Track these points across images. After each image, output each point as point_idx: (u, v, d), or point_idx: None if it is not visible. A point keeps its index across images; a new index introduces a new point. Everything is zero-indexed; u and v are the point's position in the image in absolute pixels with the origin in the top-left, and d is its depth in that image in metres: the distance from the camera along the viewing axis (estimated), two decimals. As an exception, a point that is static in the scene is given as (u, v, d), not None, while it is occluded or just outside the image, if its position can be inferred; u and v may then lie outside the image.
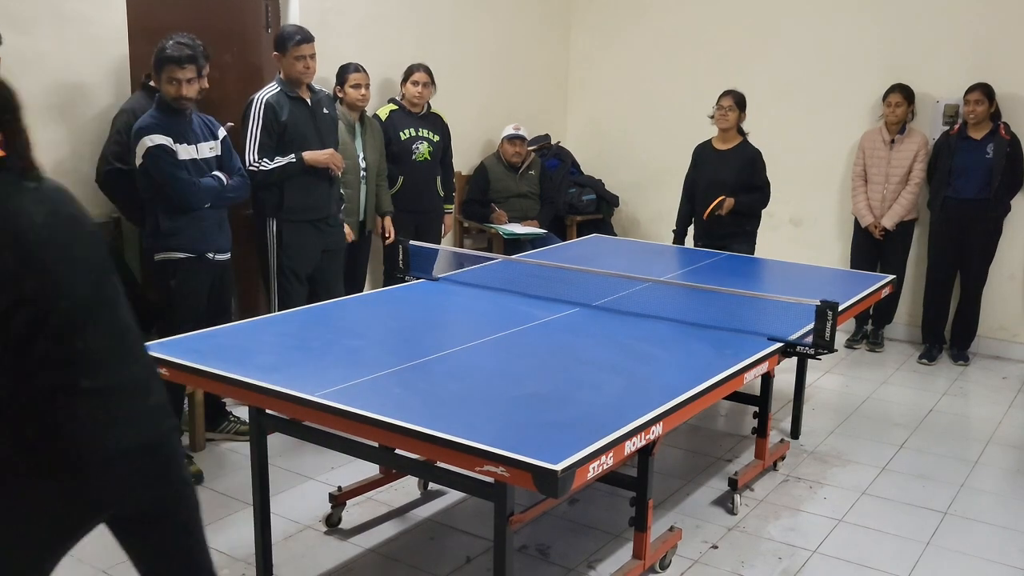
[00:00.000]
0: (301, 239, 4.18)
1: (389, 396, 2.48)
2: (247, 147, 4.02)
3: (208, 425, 4.04)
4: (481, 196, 5.87)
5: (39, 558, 1.83)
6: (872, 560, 3.16)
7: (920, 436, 4.33)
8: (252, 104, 4.06)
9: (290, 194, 4.10)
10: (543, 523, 3.34)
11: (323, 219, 4.24)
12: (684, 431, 4.21)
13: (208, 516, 3.34)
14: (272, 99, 4.05)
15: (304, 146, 4.10)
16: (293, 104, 4.09)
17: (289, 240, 4.15)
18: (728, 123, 4.97)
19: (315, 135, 4.15)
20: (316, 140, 4.15)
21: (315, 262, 4.26)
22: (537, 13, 6.61)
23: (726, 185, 4.91)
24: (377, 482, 3.48)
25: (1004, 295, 5.56)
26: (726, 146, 5.03)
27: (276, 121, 4.03)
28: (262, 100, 4.04)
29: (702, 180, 5.04)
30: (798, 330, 3.18)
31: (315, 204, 4.18)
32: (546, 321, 3.30)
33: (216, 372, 2.59)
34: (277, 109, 4.04)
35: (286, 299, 4.16)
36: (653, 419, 2.37)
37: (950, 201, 5.30)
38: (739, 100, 4.98)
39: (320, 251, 4.27)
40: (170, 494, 1.89)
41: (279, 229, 4.14)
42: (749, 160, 4.97)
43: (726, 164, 4.98)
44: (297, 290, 4.21)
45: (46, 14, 3.76)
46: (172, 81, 3.50)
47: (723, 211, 4.88)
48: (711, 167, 5.02)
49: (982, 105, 5.12)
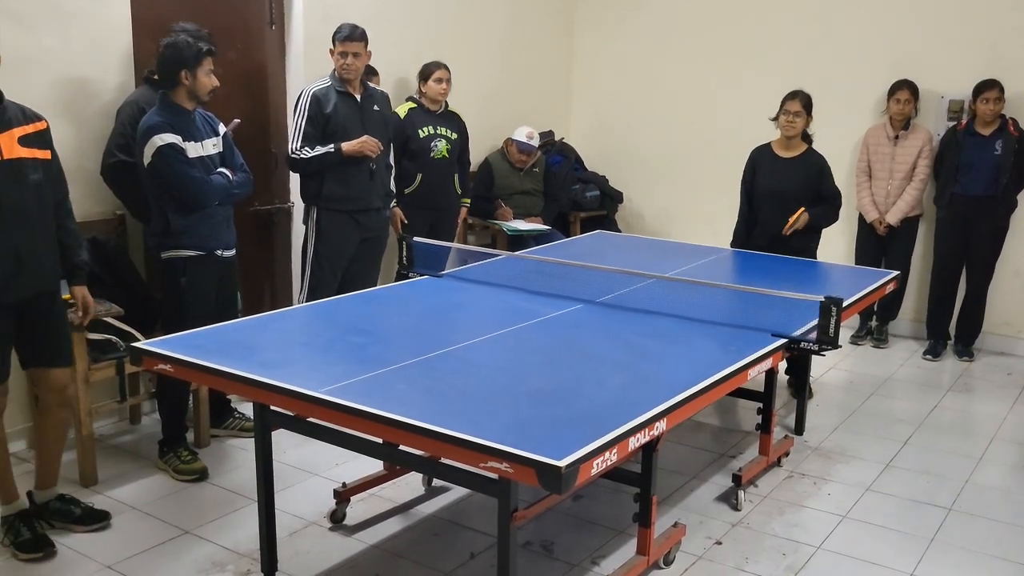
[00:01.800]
0: (337, 228, 4.30)
1: (393, 392, 2.48)
2: (291, 135, 4.22)
3: (213, 421, 4.05)
4: (485, 192, 5.87)
5: None
6: (876, 556, 3.16)
7: (925, 432, 4.33)
8: (301, 95, 4.24)
9: (329, 183, 4.24)
10: (547, 519, 3.34)
11: (362, 211, 4.33)
12: (688, 427, 4.21)
13: (213, 512, 3.38)
14: (320, 92, 4.21)
15: (345, 138, 4.22)
16: (340, 98, 4.23)
17: (326, 228, 4.29)
18: (795, 130, 4.48)
19: (358, 129, 4.26)
20: (359, 134, 4.24)
21: (351, 253, 4.36)
22: (541, 10, 6.60)
23: (787, 196, 4.49)
24: (381, 478, 3.49)
25: (1010, 291, 5.54)
26: (790, 154, 4.57)
27: (320, 112, 4.18)
28: (310, 92, 4.22)
29: (761, 189, 4.61)
30: (802, 326, 3.17)
31: (354, 195, 4.30)
32: (550, 317, 3.30)
33: (221, 368, 2.59)
34: (323, 101, 4.19)
35: (316, 286, 4.29)
36: (657, 415, 2.36)
37: (957, 197, 5.28)
38: (807, 103, 4.49)
39: (357, 242, 4.38)
40: None
41: (319, 217, 4.29)
42: (816, 170, 4.53)
43: (789, 174, 4.53)
44: (328, 280, 4.33)
45: (50, 10, 3.76)
46: (211, 73, 3.56)
47: (800, 225, 4.46)
48: (771, 176, 4.57)
49: (1000, 103, 5.09)
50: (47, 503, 3.21)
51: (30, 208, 2.94)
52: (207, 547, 3.14)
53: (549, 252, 4.55)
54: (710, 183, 6.45)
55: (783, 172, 4.56)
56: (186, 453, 3.72)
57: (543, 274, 3.87)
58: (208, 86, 3.54)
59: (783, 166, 4.57)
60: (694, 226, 6.47)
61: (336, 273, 4.36)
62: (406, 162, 5.05)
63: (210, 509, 3.43)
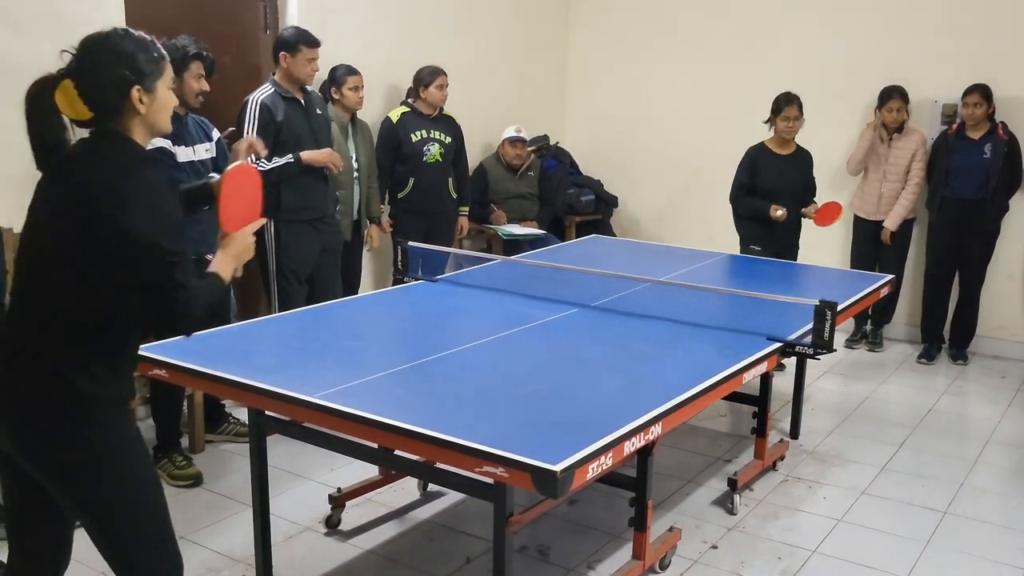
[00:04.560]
0: (299, 239, 4.18)
1: (388, 397, 2.48)
2: None
3: (208, 427, 4.04)
4: (480, 197, 5.87)
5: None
6: (872, 560, 3.16)
7: (919, 435, 4.33)
8: (247, 105, 4.06)
9: (287, 194, 4.10)
10: (543, 524, 3.34)
11: (320, 219, 4.25)
12: (683, 431, 4.21)
13: (208, 517, 3.37)
14: (267, 100, 4.06)
15: (300, 146, 4.11)
16: (288, 104, 4.11)
17: (287, 241, 4.16)
18: (795, 133, 4.96)
19: (310, 135, 4.17)
20: (311, 140, 4.16)
21: (314, 262, 4.27)
22: (536, 15, 6.62)
23: (794, 191, 4.95)
24: (377, 483, 3.48)
25: (1003, 294, 5.56)
26: (787, 151, 5.02)
27: (272, 121, 4.04)
28: (257, 101, 4.05)
29: (764, 186, 4.97)
30: (797, 330, 3.18)
31: (312, 204, 4.19)
32: (545, 322, 3.30)
33: (215, 374, 2.58)
34: (272, 109, 4.05)
35: (286, 300, 4.17)
36: (652, 419, 2.36)
37: (948, 201, 5.30)
38: (801, 107, 4.93)
39: (319, 250, 4.27)
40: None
41: (277, 230, 4.15)
42: (808, 163, 5.07)
43: (791, 169, 4.99)
44: (297, 291, 4.22)
45: (45, 16, 3.76)
46: (200, 77, 3.54)
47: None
48: (774, 173, 4.97)
49: (981, 107, 5.12)
50: None
51: None
52: (202, 552, 3.13)
53: (544, 256, 4.56)
54: (705, 187, 6.46)
55: (784, 168, 4.98)
56: (181, 459, 3.71)
57: (538, 278, 3.87)
58: (195, 90, 3.54)
59: (783, 162, 4.97)
60: (689, 230, 6.48)
61: (303, 283, 4.26)
62: (399, 166, 5.05)
63: (205, 514, 3.42)
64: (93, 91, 1.85)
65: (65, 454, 1.88)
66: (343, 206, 4.64)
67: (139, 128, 1.92)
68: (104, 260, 1.81)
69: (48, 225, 1.89)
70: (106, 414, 1.92)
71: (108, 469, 1.91)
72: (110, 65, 1.85)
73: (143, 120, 1.91)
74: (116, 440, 1.93)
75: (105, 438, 1.91)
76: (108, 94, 1.86)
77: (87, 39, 1.91)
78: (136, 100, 1.88)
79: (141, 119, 1.91)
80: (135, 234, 1.79)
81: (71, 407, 1.88)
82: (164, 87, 1.94)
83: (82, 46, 1.89)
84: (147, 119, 1.92)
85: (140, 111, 1.89)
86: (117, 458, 1.93)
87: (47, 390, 1.87)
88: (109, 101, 1.86)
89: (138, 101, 1.88)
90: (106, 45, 1.88)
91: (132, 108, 1.88)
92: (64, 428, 1.87)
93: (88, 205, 1.80)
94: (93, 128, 1.92)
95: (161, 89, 1.93)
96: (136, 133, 1.91)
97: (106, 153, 1.88)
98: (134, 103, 1.88)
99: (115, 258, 1.81)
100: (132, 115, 1.89)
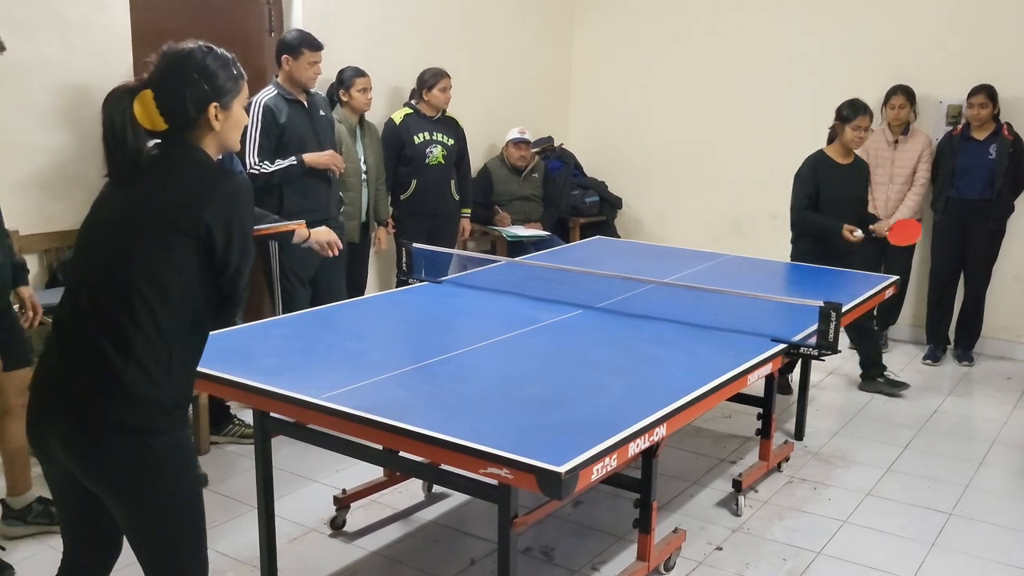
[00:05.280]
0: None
1: (393, 398, 2.48)
2: (247, 150, 4.02)
3: (212, 428, 4.05)
4: (484, 199, 5.88)
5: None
6: (877, 561, 3.15)
7: (925, 437, 4.32)
8: (250, 107, 4.04)
9: (290, 197, 4.11)
10: (547, 525, 3.34)
11: (323, 221, 4.24)
12: (688, 432, 4.20)
13: (213, 519, 3.35)
14: (270, 102, 4.07)
15: (303, 148, 4.11)
16: (291, 107, 4.12)
17: (290, 243, 4.15)
18: (863, 144, 4.71)
19: (313, 137, 4.18)
20: (314, 142, 4.17)
21: (317, 264, 4.27)
22: (540, 16, 6.62)
23: (853, 203, 4.66)
24: (381, 484, 3.49)
25: (1008, 295, 5.55)
26: (847, 160, 4.67)
27: (275, 123, 4.05)
28: (260, 103, 4.05)
29: (825, 198, 4.59)
30: (802, 331, 3.18)
31: (315, 206, 4.19)
32: (549, 323, 3.30)
33: (220, 375, 2.59)
34: (275, 112, 4.06)
35: (289, 302, 4.17)
36: (657, 421, 2.36)
37: (953, 202, 5.30)
38: (871, 116, 4.64)
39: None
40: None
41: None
42: (866, 173, 4.85)
43: (851, 180, 4.67)
44: (300, 293, 4.22)
45: (51, 20, 3.77)
46: None
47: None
48: (837, 183, 4.61)
49: (986, 108, 5.11)
50: (29, 506, 3.21)
51: None
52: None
53: (548, 258, 4.56)
54: (709, 189, 6.47)
55: (847, 177, 4.66)
56: (186, 460, 3.71)
57: (542, 280, 3.87)
58: None
59: (845, 172, 4.66)
60: (693, 232, 6.48)
61: (306, 285, 4.26)
62: (401, 168, 5.05)
63: (210, 516, 3.36)
64: (173, 103, 1.89)
65: (120, 461, 1.85)
66: (351, 208, 4.65)
67: (211, 142, 1.95)
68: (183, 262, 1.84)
69: (126, 223, 1.87)
70: (163, 419, 1.88)
71: (168, 476, 1.89)
72: (192, 80, 1.89)
73: (215, 136, 1.95)
74: (174, 445, 1.91)
75: (162, 444, 1.88)
76: (187, 108, 1.89)
77: (170, 52, 1.94)
78: (212, 116, 1.92)
79: (214, 135, 1.94)
80: (220, 244, 1.85)
81: (134, 416, 1.84)
82: (239, 106, 1.99)
83: (164, 59, 1.93)
84: (219, 135, 1.95)
85: (215, 127, 1.93)
86: (176, 465, 1.91)
87: (103, 393, 1.83)
88: (187, 114, 1.90)
89: (214, 117, 1.92)
90: (190, 61, 1.92)
91: (207, 123, 1.92)
92: (119, 434, 1.84)
93: (180, 207, 1.83)
94: (164, 139, 1.94)
95: (236, 108, 1.98)
96: (207, 147, 1.95)
97: (192, 158, 1.92)
98: (210, 119, 1.92)
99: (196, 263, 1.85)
100: (206, 130, 1.93)
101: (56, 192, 3.86)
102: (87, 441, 1.85)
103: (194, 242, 1.83)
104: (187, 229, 1.82)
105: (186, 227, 1.82)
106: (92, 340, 1.85)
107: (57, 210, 3.89)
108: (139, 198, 1.88)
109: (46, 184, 3.85)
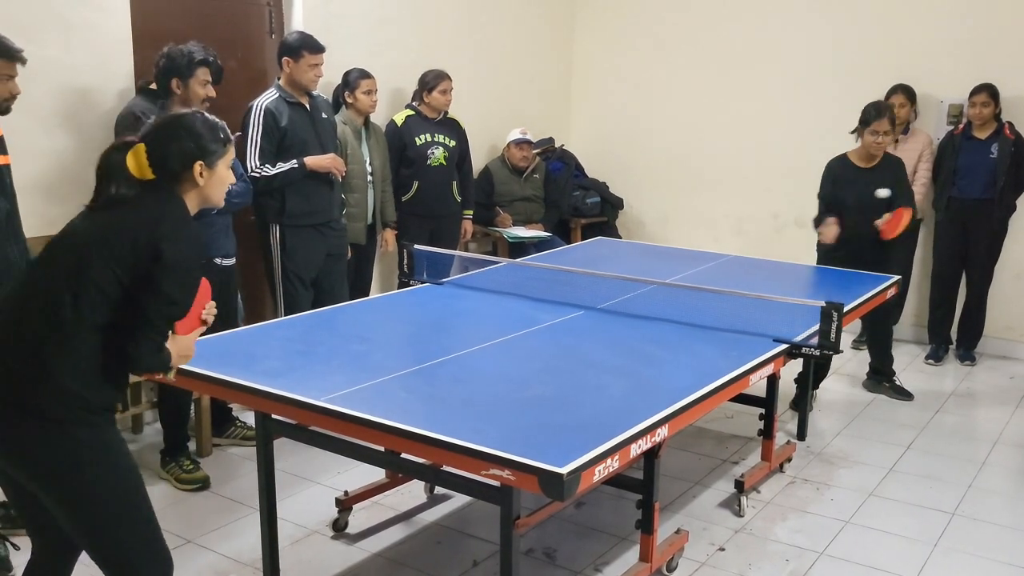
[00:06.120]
0: (305, 244, 4.19)
1: (395, 400, 2.48)
2: (248, 153, 4.03)
3: (214, 430, 4.05)
4: (485, 200, 5.88)
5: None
6: (880, 562, 3.15)
7: (927, 437, 4.32)
8: (252, 110, 4.06)
9: (292, 199, 4.11)
10: (549, 526, 3.34)
11: (326, 223, 4.26)
12: (690, 433, 4.20)
13: (215, 521, 3.38)
14: (271, 105, 4.06)
15: (304, 151, 4.11)
16: (292, 109, 4.11)
17: (293, 245, 4.17)
18: (883, 150, 4.47)
19: (315, 140, 4.17)
20: (316, 145, 4.16)
21: (319, 266, 4.28)
22: (541, 16, 6.62)
23: (877, 207, 4.42)
24: (383, 486, 3.49)
25: (1010, 295, 5.54)
26: (871, 163, 4.50)
27: (276, 127, 4.04)
28: (261, 106, 4.05)
29: (845, 202, 4.47)
30: (804, 331, 3.18)
31: (317, 209, 4.20)
32: (551, 324, 3.30)
33: (222, 377, 2.59)
34: (277, 115, 4.05)
35: (292, 304, 4.18)
36: (659, 421, 2.36)
37: (955, 201, 5.29)
38: (893, 120, 4.49)
39: (324, 255, 4.28)
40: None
41: (282, 234, 4.16)
42: (899, 170, 4.56)
43: (876, 182, 4.45)
44: (302, 295, 4.22)
45: (52, 22, 3.78)
46: (206, 84, 3.57)
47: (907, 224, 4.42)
48: (854, 188, 4.47)
49: (988, 107, 5.11)
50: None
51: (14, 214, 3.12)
52: (209, 556, 3.14)
53: (550, 259, 4.56)
54: (710, 190, 6.46)
55: (868, 181, 4.47)
56: (188, 462, 3.72)
57: (544, 281, 3.87)
58: (201, 95, 3.56)
59: (866, 176, 4.48)
60: (694, 232, 6.48)
61: (308, 287, 4.27)
62: (403, 170, 5.06)
63: (212, 518, 3.42)
64: (161, 157, 2.08)
65: (36, 448, 1.94)
66: (357, 210, 4.66)
67: (193, 196, 2.13)
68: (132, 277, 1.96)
69: (87, 238, 2.02)
70: (86, 416, 1.98)
71: (89, 465, 1.97)
72: (181, 139, 2.09)
73: (199, 191, 2.13)
74: (97, 438, 2.00)
75: (84, 435, 1.97)
76: (173, 162, 2.08)
77: (166, 116, 2.20)
78: (197, 173, 2.10)
79: (198, 190, 2.13)
80: (170, 268, 1.97)
81: (56, 407, 1.94)
82: (224, 166, 2.17)
83: (161, 120, 2.17)
84: (203, 191, 2.14)
85: (199, 183, 2.11)
86: (98, 455, 1.99)
87: (30, 380, 1.94)
88: (173, 168, 2.08)
89: (199, 175, 2.10)
90: (181, 122, 2.13)
91: (192, 179, 2.10)
92: (36, 421, 1.94)
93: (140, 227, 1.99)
94: (150, 185, 2.09)
95: (221, 167, 2.16)
96: (189, 200, 2.12)
97: (166, 197, 2.08)
98: (195, 175, 2.10)
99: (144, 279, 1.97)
100: (191, 185, 2.11)
101: (58, 195, 3.86)
102: (3, 425, 1.95)
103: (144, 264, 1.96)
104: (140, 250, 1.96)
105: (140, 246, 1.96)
106: (31, 329, 1.97)
107: (59, 213, 3.87)
108: (107, 219, 2.04)
109: (48, 187, 3.85)
